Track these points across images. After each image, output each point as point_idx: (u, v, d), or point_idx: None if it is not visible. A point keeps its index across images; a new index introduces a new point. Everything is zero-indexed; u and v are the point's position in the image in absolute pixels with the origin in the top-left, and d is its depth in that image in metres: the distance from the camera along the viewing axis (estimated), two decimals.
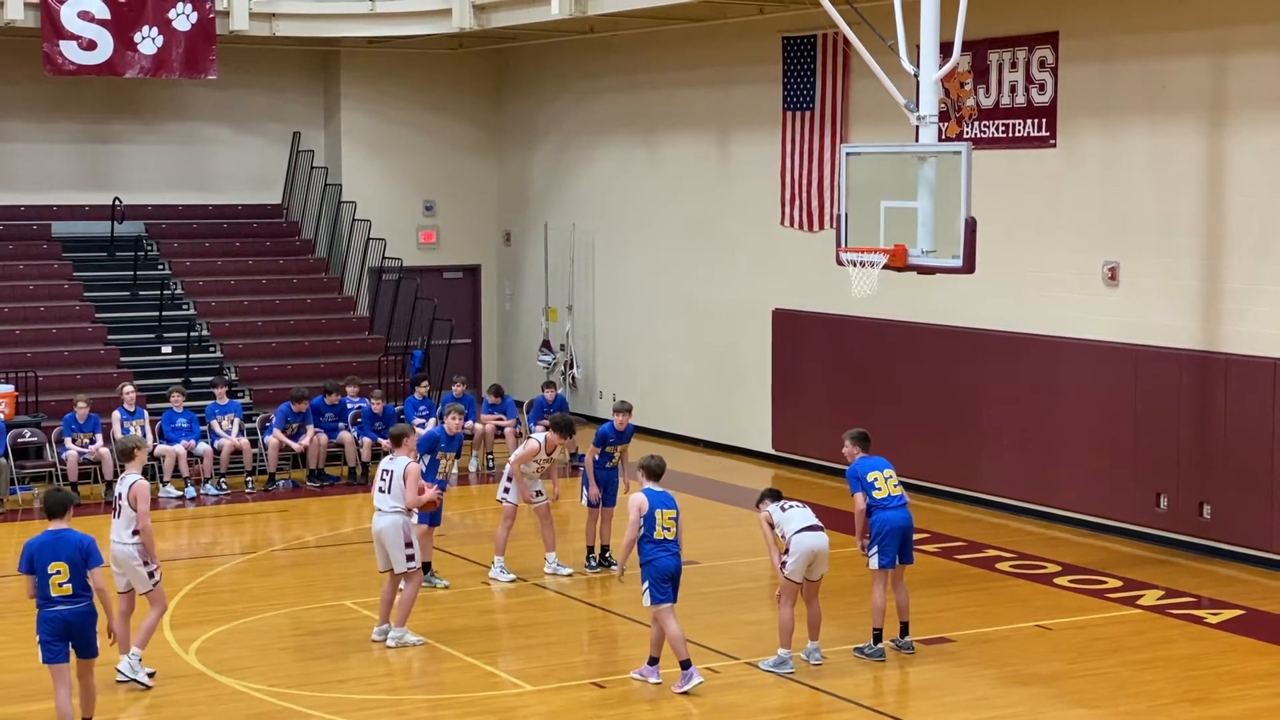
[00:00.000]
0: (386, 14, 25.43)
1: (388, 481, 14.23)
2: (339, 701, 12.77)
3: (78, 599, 11.39)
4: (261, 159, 27.64)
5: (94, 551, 11.44)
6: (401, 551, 14.14)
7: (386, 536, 14.18)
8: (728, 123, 23.87)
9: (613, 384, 26.26)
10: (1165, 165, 17.88)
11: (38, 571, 11.39)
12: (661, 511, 12.93)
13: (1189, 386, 17.58)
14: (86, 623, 11.44)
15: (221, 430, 21.77)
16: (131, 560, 13.01)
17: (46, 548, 11.41)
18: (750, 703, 12.78)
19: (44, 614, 11.41)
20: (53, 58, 23.61)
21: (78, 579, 11.36)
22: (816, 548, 13.37)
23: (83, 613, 11.42)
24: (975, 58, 19.52)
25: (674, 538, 12.95)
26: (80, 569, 11.35)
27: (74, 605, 11.38)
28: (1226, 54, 17.26)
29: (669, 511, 12.95)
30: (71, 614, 11.38)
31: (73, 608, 11.38)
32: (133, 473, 13.13)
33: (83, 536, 11.51)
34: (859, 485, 13.93)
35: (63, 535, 11.45)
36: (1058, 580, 16.56)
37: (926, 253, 14.85)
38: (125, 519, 13.02)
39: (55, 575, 11.32)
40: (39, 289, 24.76)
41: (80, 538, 11.47)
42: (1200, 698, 12.88)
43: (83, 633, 11.46)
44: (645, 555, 12.91)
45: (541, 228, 27.60)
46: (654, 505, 12.95)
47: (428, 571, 15.96)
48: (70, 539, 11.42)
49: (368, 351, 25.32)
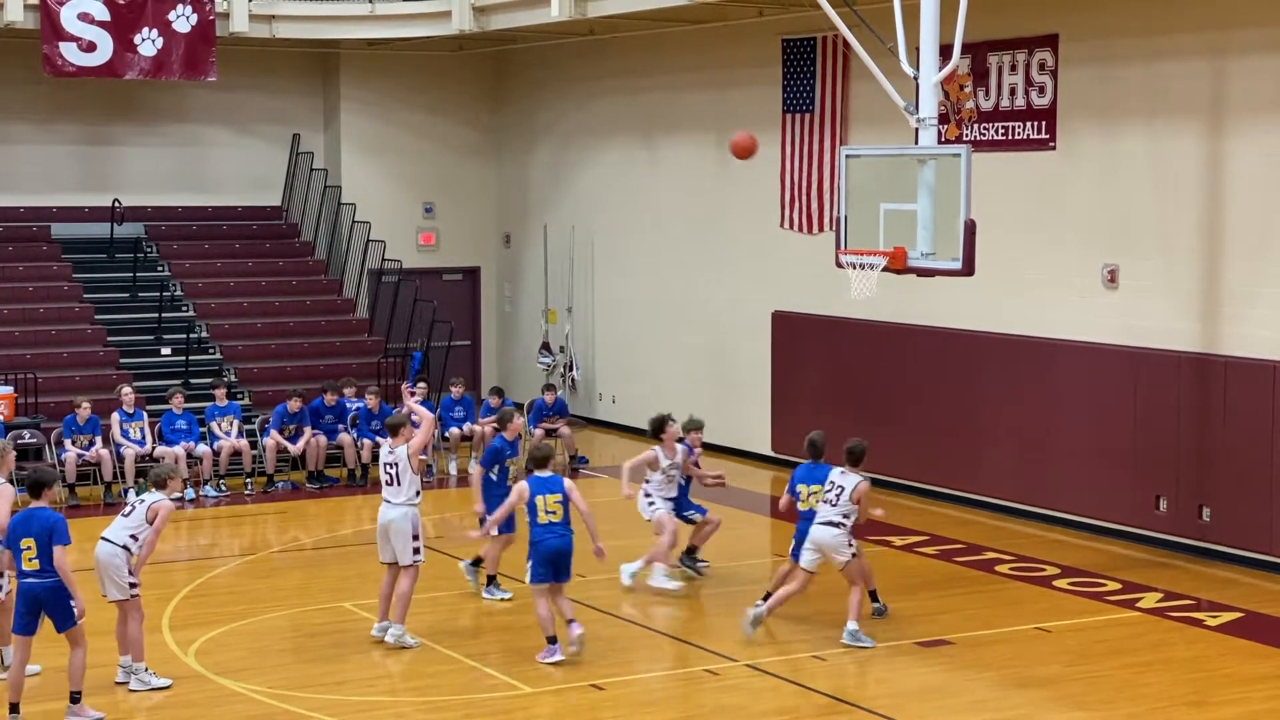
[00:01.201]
0: (386, 16, 25.45)
1: (393, 473, 14.21)
2: (338, 703, 12.77)
3: (45, 574, 11.87)
4: (261, 161, 27.64)
5: (59, 529, 11.89)
6: (409, 544, 14.14)
7: (395, 528, 14.16)
8: (727, 125, 23.80)
9: (612, 386, 26.28)
10: (1164, 168, 17.88)
11: (12, 546, 12.04)
12: (543, 497, 13.71)
13: (1188, 389, 17.59)
14: (55, 597, 11.88)
15: (221, 432, 21.78)
16: (114, 560, 12.90)
17: (20, 524, 12.04)
18: (749, 704, 12.78)
19: (19, 586, 12.08)
20: (52, 59, 23.61)
21: (44, 555, 11.85)
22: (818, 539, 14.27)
23: (51, 587, 11.88)
24: (975, 60, 19.52)
25: (560, 520, 13.71)
26: (46, 546, 11.84)
27: (43, 580, 11.89)
28: (1225, 57, 17.27)
29: (553, 496, 13.73)
30: (41, 588, 11.89)
31: (42, 582, 11.88)
32: (162, 494, 13.14)
33: (52, 514, 12.00)
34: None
35: (35, 513, 12.01)
36: (1057, 583, 16.55)
37: (926, 255, 14.85)
38: (133, 521, 12.96)
39: (26, 551, 11.92)
40: (38, 290, 24.76)
41: (49, 515, 11.97)
42: (1199, 700, 12.88)
43: (53, 606, 11.91)
44: (533, 537, 13.78)
45: (541, 230, 27.60)
46: (535, 491, 13.76)
47: (491, 583, 15.85)
48: (39, 516, 11.97)
49: (367, 353, 25.33)
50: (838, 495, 14.23)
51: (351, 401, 22.47)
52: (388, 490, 14.26)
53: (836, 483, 14.31)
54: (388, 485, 14.26)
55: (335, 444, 22.15)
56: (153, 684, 13.04)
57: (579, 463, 23.33)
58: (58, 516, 12.05)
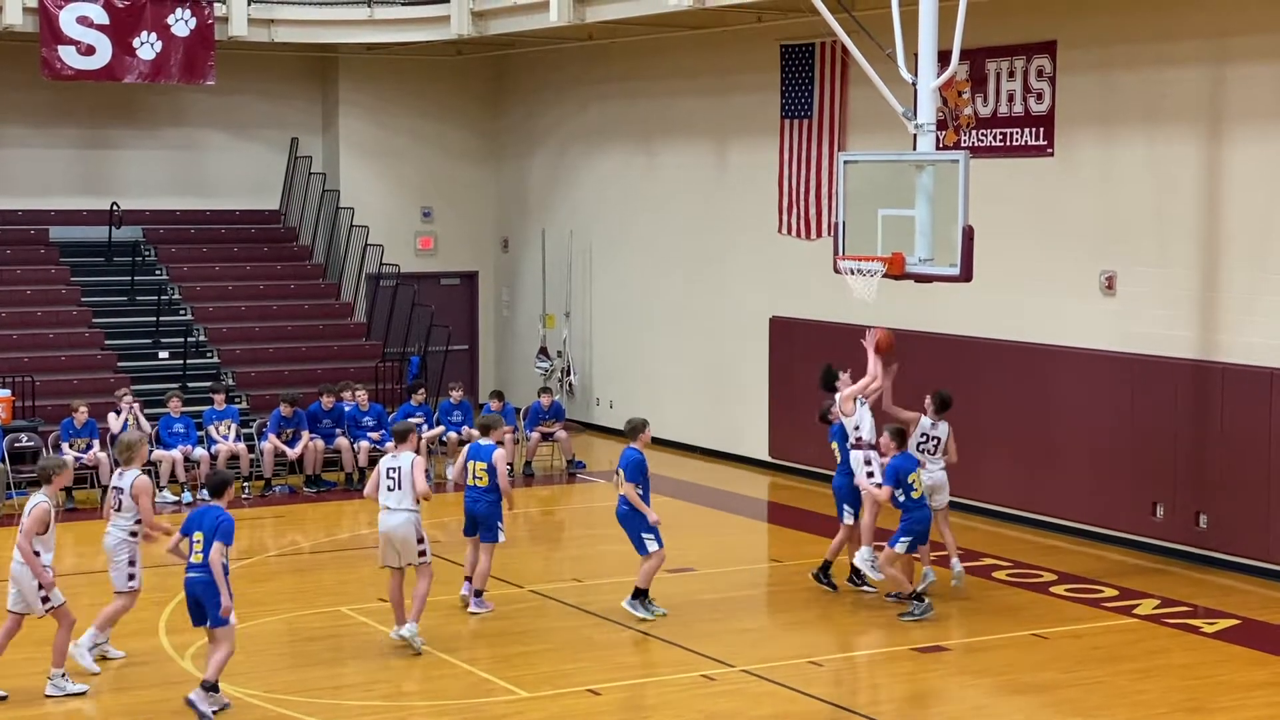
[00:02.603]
0: (385, 20, 25.46)
1: (395, 479, 14.21)
2: (335, 708, 12.76)
3: (205, 569, 12.54)
4: (259, 165, 27.64)
5: (223, 528, 12.54)
6: (414, 548, 14.16)
7: (399, 535, 14.13)
8: (726, 130, 23.89)
9: (610, 391, 26.28)
10: (1162, 175, 17.89)
11: (188, 537, 12.84)
12: (472, 463, 15.26)
13: (1185, 396, 17.60)
14: (208, 592, 12.52)
15: (218, 435, 21.77)
16: (119, 548, 13.29)
17: (195, 518, 12.78)
18: (746, 710, 12.77)
19: (185, 580, 12.77)
20: (51, 63, 23.62)
21: (208, 550, 12.55)
22: None
23: (205, 582, 12.53)
24: (973, 66, 19.53)
25: (483, 486, 15.18)
26: (210, 542, 12.56)
27: (200, 575, 12.59)
28: (1223, 64, 17.29)
29: (480, 464, 15.16)
30: (199, 583, 12.59)
31: (199, 577, 12.60)
32: (134, 469, 13.44)
33: (223, 514, 12.65)
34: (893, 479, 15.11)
35: (209, 510, 12.75)
36: (1054, 589, 16.55)
37: (924, 261, 14.87)
38: (127, 512, 13.36)
39: (196, 544, 12.72)
40: (36, 294, 24.74)
41: (219, 514, 12.65)
42: (1196, 707, 12.88)
43: (206, 601, 12.53)
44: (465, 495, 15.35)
45: (539, 234, 27.61)
46: (469, 456, 15.35)
47: (645, 598, 15.30)
48: (212, 514, 12.69)
49: (365, 357, 25.33)
50: (936, 444, 15.84)
51: (349, 405, 22.46)
52: (388, 496, 14.18)
53: (931, 434, 15.87)
54: (389, 491, 14.21)
55: (333, 448, 22.15)
56: (69, 689, 13.02)
57: (576, 467, 23.33)
58: (227, 516, 12.65)
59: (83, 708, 12.78)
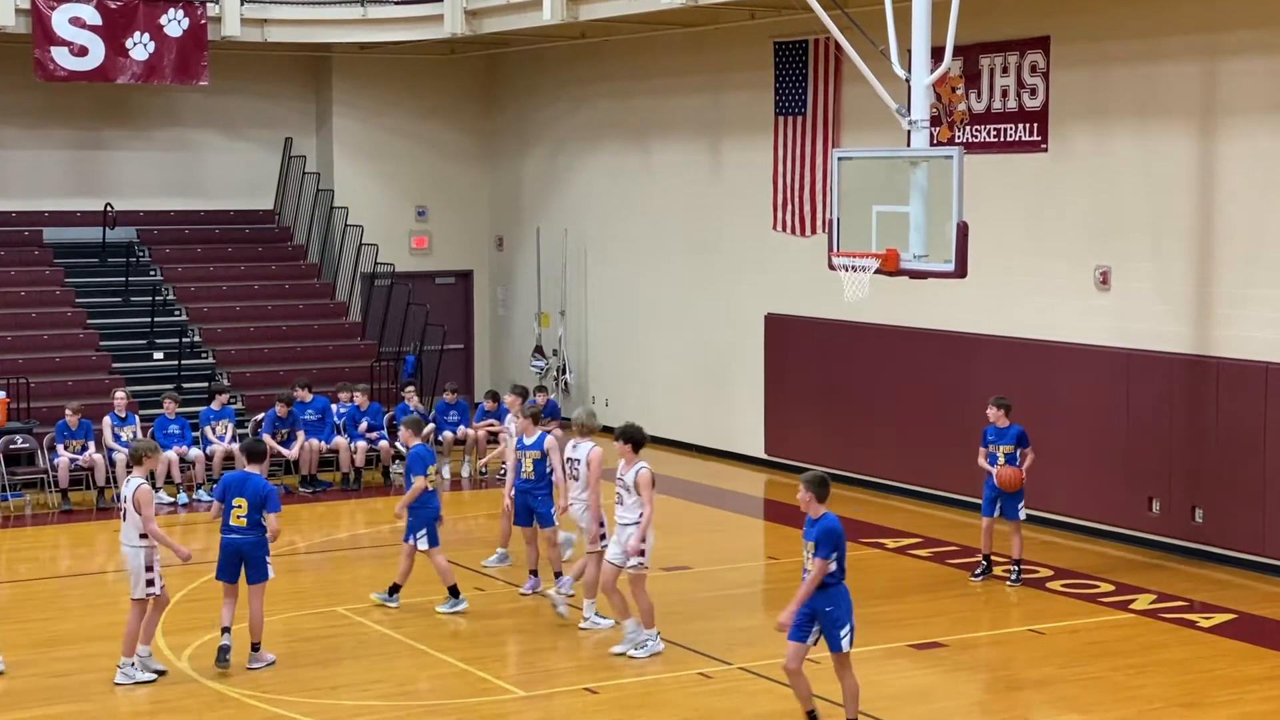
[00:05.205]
0: (378, 20, 25.46)
1: None
2: (331, 708, 12.76)
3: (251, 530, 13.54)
4: (253, 165, 27.62)
5: (272, 499, 13.49)
6: None
7: None
8: (720, 128, 23.89)
9: (605, 389, 26.28)
10: (1156, 170, 17.90)
11: (225, 503, 13.69)
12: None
13: (1180, 390, 17.61)
14: (256, 552, 13.55)
15: (214, 436, 21.75)
16: (137, 558, 13.24)
17: (235, 483, 13.63)
18: (743, 707, 12.78)
19: (222, 541, 13.71)
20: (44, 63, 23.60)
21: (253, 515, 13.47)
22: None
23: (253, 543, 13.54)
24: (967, 62, 19.54)
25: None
26: (256, 509, 13.44)
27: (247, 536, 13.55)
28: (1216, 59, 17.30)
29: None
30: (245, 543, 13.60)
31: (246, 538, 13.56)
32: (138, 476, 13.38)
33: (266, 483, 13.53)
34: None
35: (250, 478, 13.61)
36: (1050, 584, 16.56)
37: (918, 257, 14.85)
38: (131, 523, 13.25)
39: (237, 509, 13.54)
40: (30, 295, 24.72)
41: (262, 483, 13.51)
42: (1193, 702, 12.89)
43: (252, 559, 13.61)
44: None
45: (534, 233, 27.60)
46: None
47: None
48: (254, 482, 13.53)
49: (360, 357, 25.32)
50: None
51: (344, 406, 22.46)
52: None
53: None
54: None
55: (330, 448, 22.13)
56: (139, 678, 13.19)
57: None
58: (271, 487, 13.59)
59: (83, 708, 12.77)
